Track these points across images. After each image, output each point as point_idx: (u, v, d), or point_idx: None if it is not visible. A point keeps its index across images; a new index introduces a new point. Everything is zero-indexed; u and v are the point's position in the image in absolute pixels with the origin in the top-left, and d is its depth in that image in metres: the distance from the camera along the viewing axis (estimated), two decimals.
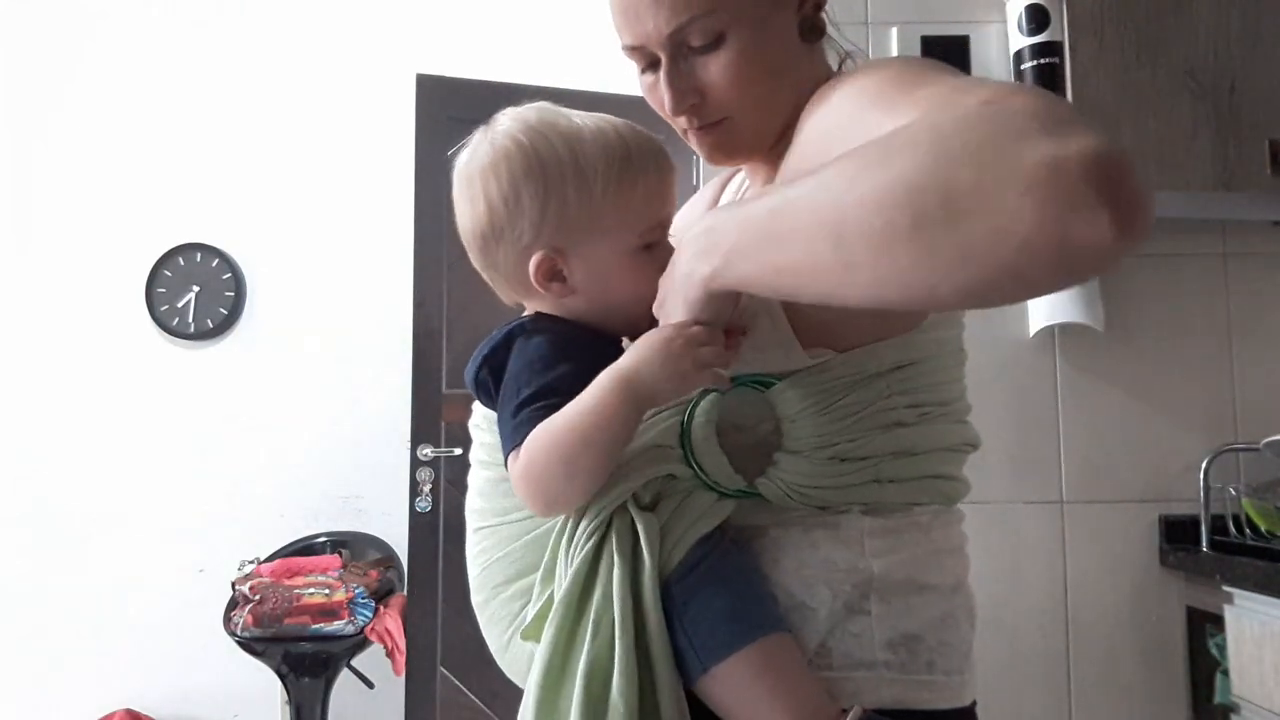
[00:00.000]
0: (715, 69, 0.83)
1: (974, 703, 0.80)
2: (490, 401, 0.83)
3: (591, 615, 0.73)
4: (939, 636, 0.76)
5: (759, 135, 0.86)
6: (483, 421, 0.88)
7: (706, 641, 0.71)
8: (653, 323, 0.77)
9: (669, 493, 0.78)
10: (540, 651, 0.75)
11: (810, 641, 0.75)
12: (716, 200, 1.02)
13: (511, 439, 0.75)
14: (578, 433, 0.72)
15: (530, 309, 0.86)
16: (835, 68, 0.91)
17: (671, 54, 0.84)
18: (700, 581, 0.73)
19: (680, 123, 0.87)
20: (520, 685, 0.81)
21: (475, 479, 0.93)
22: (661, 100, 0.86)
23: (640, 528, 0.74)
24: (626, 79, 0.98)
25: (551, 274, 0.81)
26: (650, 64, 0.87)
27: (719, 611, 0.71)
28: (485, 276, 0.87)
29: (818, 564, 0.76)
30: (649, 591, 0.72)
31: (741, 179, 0.99)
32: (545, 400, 0.74)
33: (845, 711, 0.71)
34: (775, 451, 0.78)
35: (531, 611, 0.78)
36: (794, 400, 0.78)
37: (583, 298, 0.82)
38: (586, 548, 0.74)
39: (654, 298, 0.78)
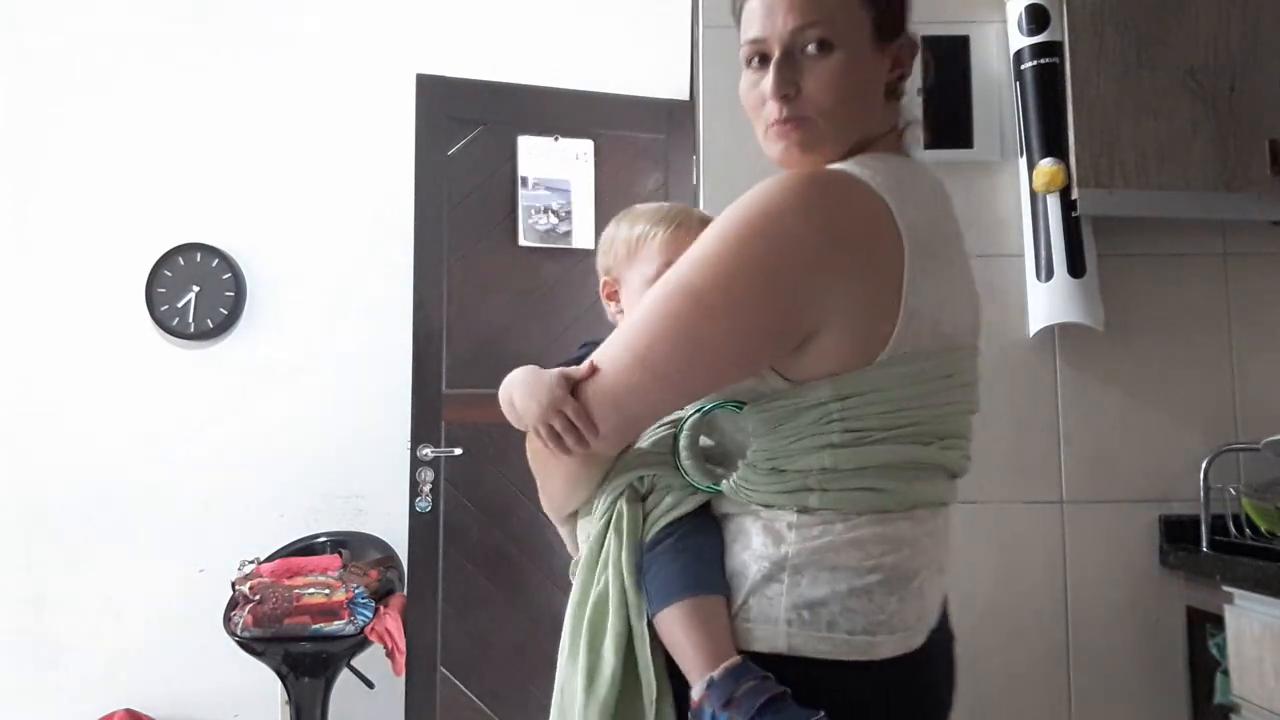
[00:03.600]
0: (818, 71, 1.00)
1: (905, 657, 0.98)
2: None
3: (598, 570, 1.04)
4: (845, 604, 0.95)
5: (830, 144, 1.01)
6: None
7: (655, 595, 0.99)
8: None
9: (659, 486, 1.05)
10: (574, 588, 1.07)
11: (738, 599, 0.98)
12: None
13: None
14: None
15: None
16: (900, 129, 1.09)
17: (786, 50, 1.00)
18: (662, 552, 1.01)
19: (769, 113, 1.02)
20: None
21: None
22: (759, 95, 1.02)
23: (625, 515, 1.03)
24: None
25: (611, 295, 1.19)
26: (761, 60, 1.03)
27: (667, 575, 0.99)
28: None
29: (751, 545, 0.99)
30: (627, 558, 1.02)
31: None
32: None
33: (740, 654, 0.96)
34: (739, 459, 1.01)
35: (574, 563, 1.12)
36: (754, 422, 1.00)
37: (627, 315, 1.11)
38: (599, 525, 1.05)
39: None
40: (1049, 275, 1.94)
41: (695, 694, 0.94)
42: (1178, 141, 1.90)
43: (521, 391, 1.01)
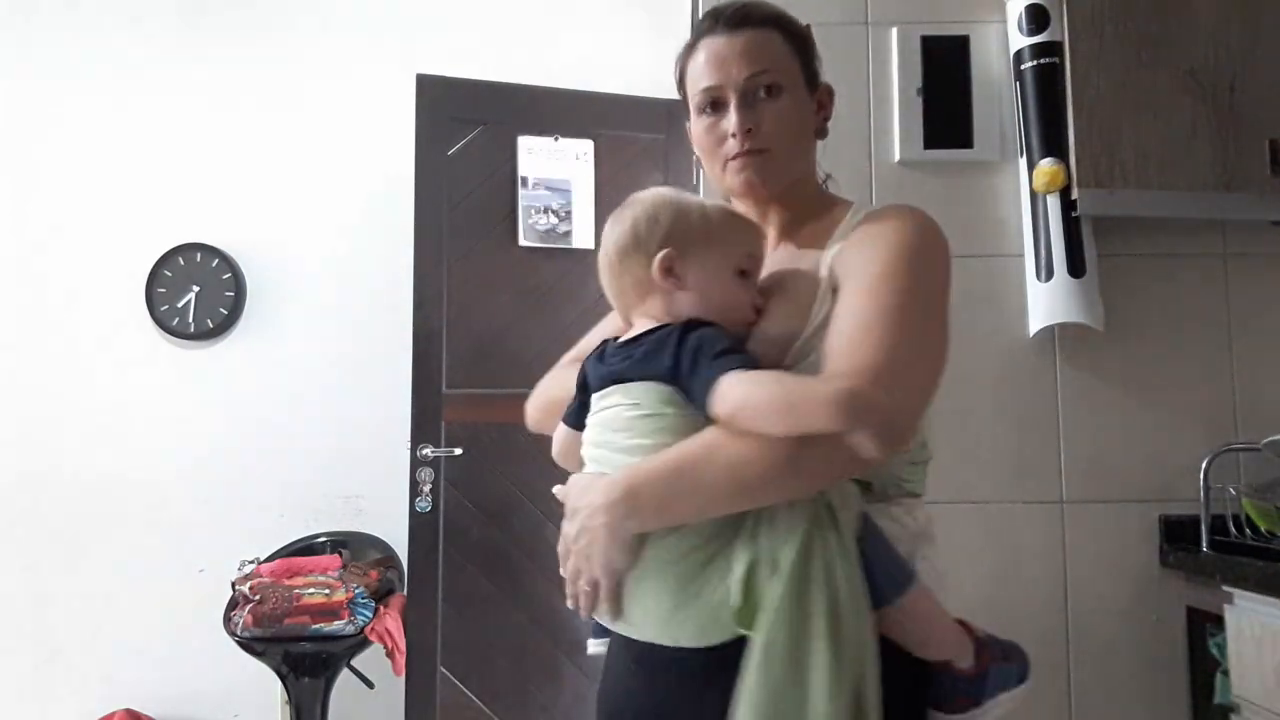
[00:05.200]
0: (771, 111, 1.15)
1: None
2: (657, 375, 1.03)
3: (813, 567, 0.95)
4: (936, 572, 1.09)
5: (782, 175, 1.16)
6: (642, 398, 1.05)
7: (888, 582, 0.98)
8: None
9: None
10: (778, 601, 0.93)
11: None
12: None
13: (717, 371, 0.97)
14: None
15: (638, 318, 1.10)
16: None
17: (742, 94, 1.15)
18: (875, 541, 1.00)
19: (729, 149, 1.15)
20: (685, 644, 1.00)
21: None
22: (720, 134, 1.16)
23: (837, 509, 0.97)
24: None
25: (668, 270, 1.06)
26: (715, 107, 1.16)
27: (892, 560, 1.00)
28: (610, 293, 1.12)
29: (894, 528, 1.05)
30: (849, 552, 0.97)
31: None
32: (740, 352, 1.00)
33: (972, 632, 1.07)
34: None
35: (740, 570, 0.96)
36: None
37: (691, 295, 1.06)
38: (800, 529, 0.96)
39: (739, 311, 1.07)
40: (1049, 275, 1.94)
41: (966, 662, 1.06)
42: (1178, 141, 1.90)
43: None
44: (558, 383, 1.23)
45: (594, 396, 1.08)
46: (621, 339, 1.09)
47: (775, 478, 0.95)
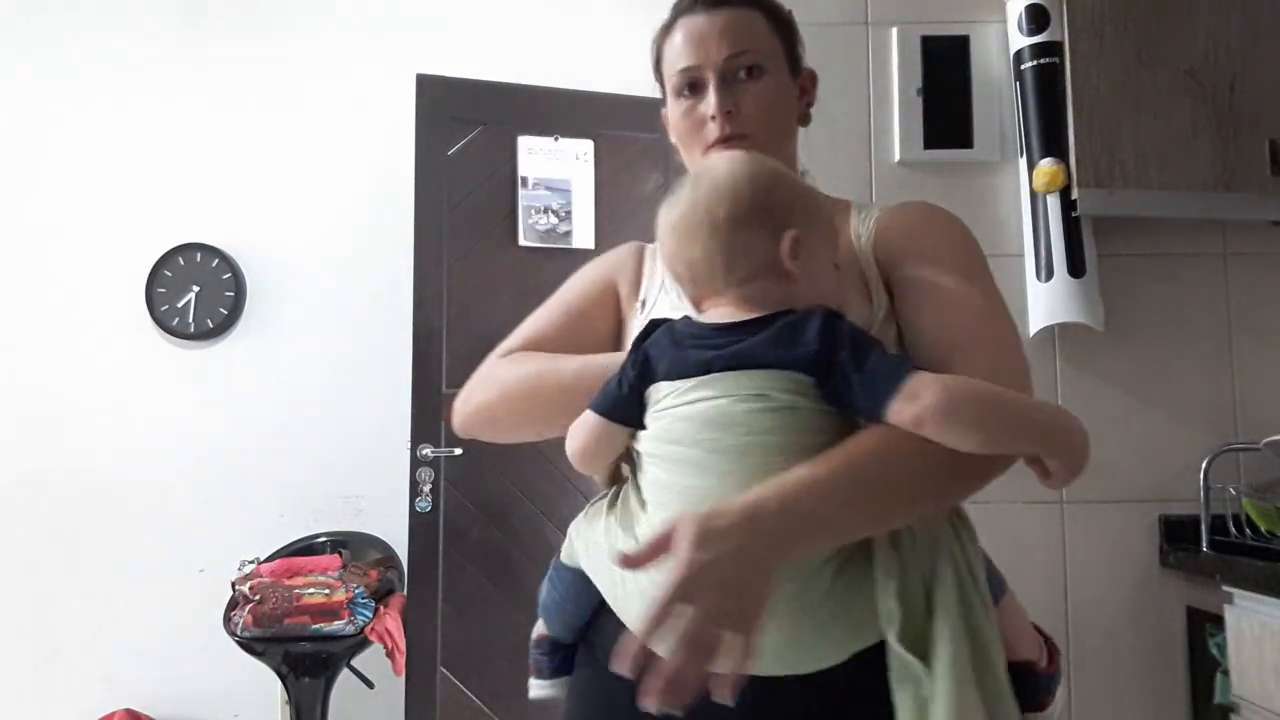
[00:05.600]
0: (753, 93, 1.09)
1: None
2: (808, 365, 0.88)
3: (968, 582, 0.91)
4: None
5: None
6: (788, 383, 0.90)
7: (994, 587, 1.00)
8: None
9: None
10: (954, 612, 0.87)
11: None
12: (637, 276, 1.17)
13: (902, 369, 0.86)
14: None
15: (727, 302, 0.93)
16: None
17: (721, 75, 1.09)
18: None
19: (710, 133, 1.08)
20: (803, 670, 0.89)
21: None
22: (698, 117, 1.09)
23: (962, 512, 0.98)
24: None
25: (795, 252, 0.92)
26: (694, 88, 1.10)
27: (987, 566, 1.01)
28: (690, 265, 0.95)
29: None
30: (980, 556, 0.98)
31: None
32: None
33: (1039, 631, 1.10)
34: None
35: (892, 583, 0.87)
36: None
37: (799, 284, 0.93)
38: (944, 535, 0.92)
39: (836, 304, 0.93)
40: (1049, 275, 1.94)
41: (1044, 660, 1.08)
42: (1178, 141, 1.90)
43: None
44: (518, 374, 1.08)
45: (676, 385, 0.89)
46: (717, 321, 0.93)
47: (945, 484, 0.88)
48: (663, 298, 1.11)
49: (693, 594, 0.76)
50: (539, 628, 1.15)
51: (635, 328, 1.07)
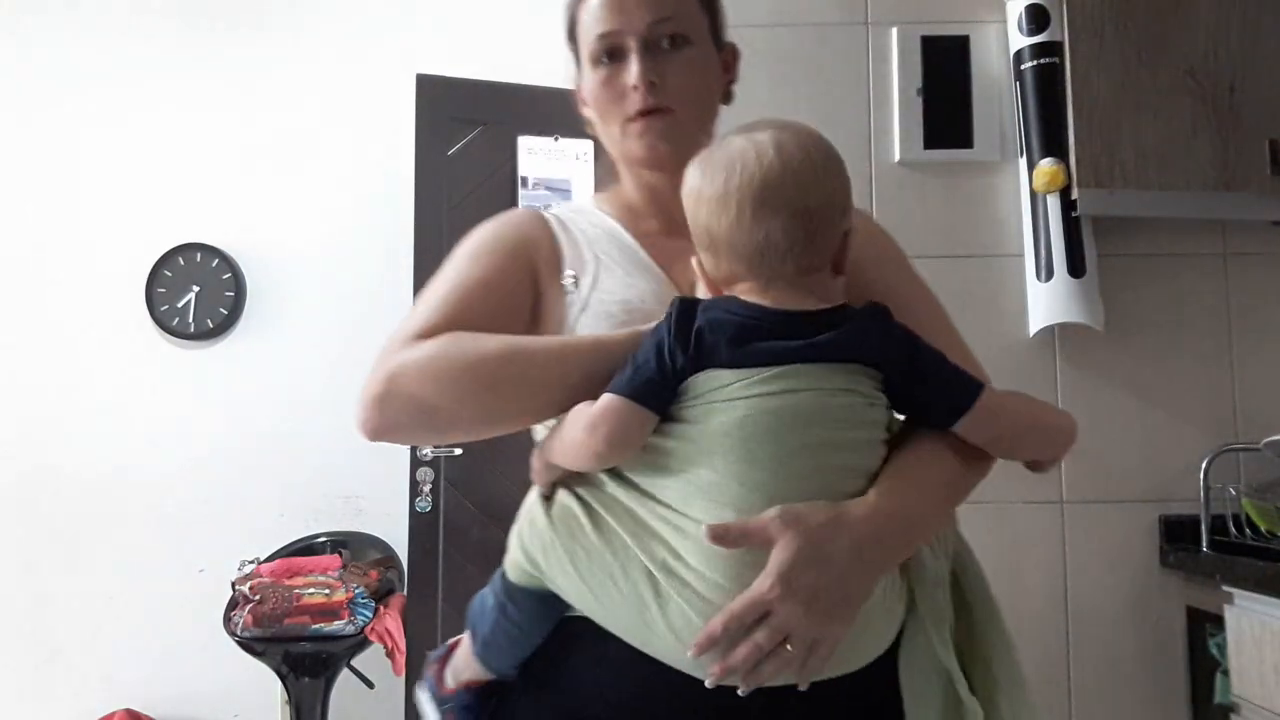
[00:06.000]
0: (677, 63, 1.01)
1: None
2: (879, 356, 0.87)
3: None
4: None
5: (687, 140, 0.98)
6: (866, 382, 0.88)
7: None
8: None
9: None
10: (982, 594, 0.97)
11: None
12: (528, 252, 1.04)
13: (975, 384, 0.89)
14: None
15: (777, 291, 0.87)
16: None
17: (644, 44, 1.00)
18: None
19: (631, 106, 1.00)
20: (838, 673, 0.86)
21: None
22: (619, 88, 1.01)
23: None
24: None
25: (849, 245, 0.90)
26: (613, 56, 1.02)
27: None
28: (780, 243, 0.86)
29: None
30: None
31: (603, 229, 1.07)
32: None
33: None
34: None
35: (903, 580, 0.88)
36: None
37: (843, 280, 0.90)
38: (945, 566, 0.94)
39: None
40: (1049, 275, 1.94)
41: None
42: (1178, 141, 1.90)
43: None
44: (473, 357, 0.89)
45: (748, 374, 0.82)
46: (788, 307, 0.85)
47: (971, 484, 0.92)
48: (605, 274, 1.01)
49: (794, 586, 0.77)
50: (464, 669, 1.04)
51: (566, 306, 1.00)
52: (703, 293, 0.91)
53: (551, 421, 0.94)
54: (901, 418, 0.90)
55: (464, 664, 1.05)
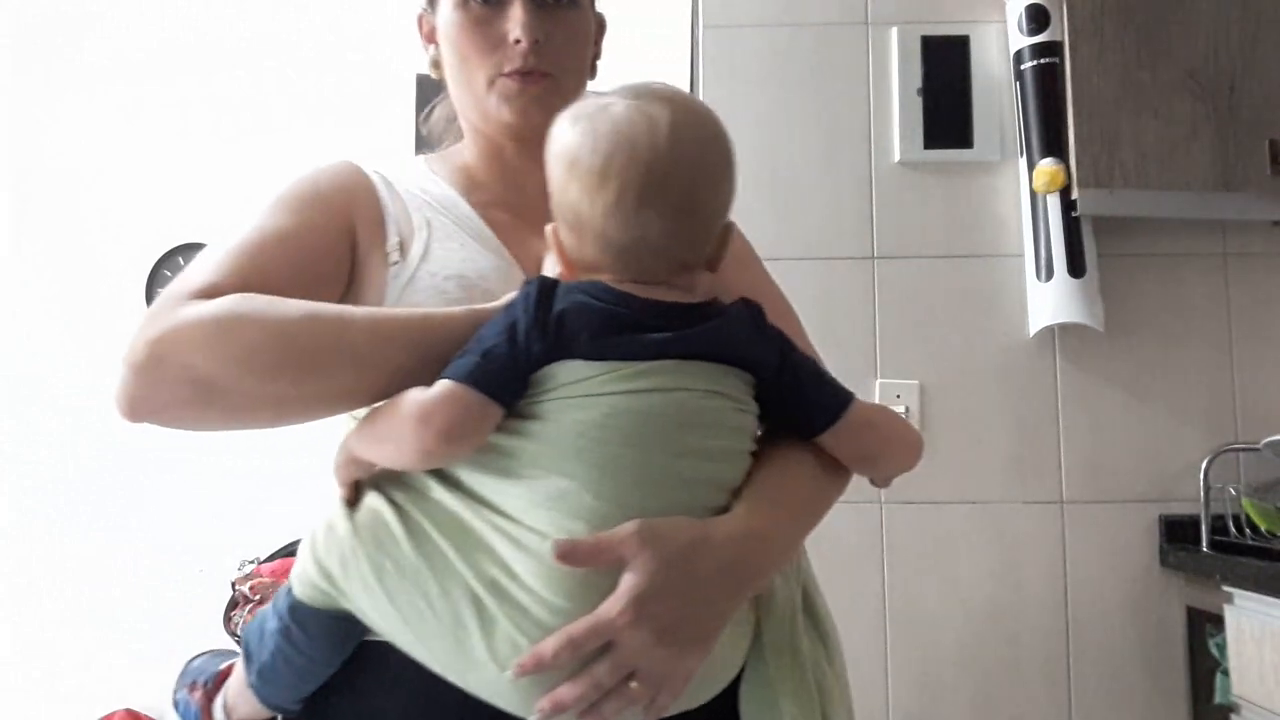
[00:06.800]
0: (565, 23, 0.89)
1: None
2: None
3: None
4: None
5: (559, 111, 0.79)
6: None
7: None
8: None
9: None
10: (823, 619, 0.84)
11: None
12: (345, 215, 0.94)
13: (846, 395, 0.80)
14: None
15: (656, 287, 0.76)
16: None
17: None
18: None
19: (508, 60, 0.88)
20: (685, 708, 0.76)
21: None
22: (494, 35, 0.88)
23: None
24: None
25: (727, 244, 0.81)
26: None
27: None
28: (659, 242, 0.74)
29: None
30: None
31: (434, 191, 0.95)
32: None
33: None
34: None
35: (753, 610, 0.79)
36: None
37: (715, 277, 0.80)
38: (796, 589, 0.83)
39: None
40: (1049, 275, 1.94)
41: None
42: (1178, 141, 1.90)
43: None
44: (272, 325, 0.73)
45: (612, 368, 0.71)
46: (658, 298, 0.75)
47: (832, 503, 0.83)
48: (437, 245, 0.88)
49: (647, 613, 0.66)
50: (238, 703, 0.86)
51: (389, 278, 0.85)
52: (551, 269, 0.79)
53: (361, 411, 0.80)
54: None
55: (237, 697, 0.86)
